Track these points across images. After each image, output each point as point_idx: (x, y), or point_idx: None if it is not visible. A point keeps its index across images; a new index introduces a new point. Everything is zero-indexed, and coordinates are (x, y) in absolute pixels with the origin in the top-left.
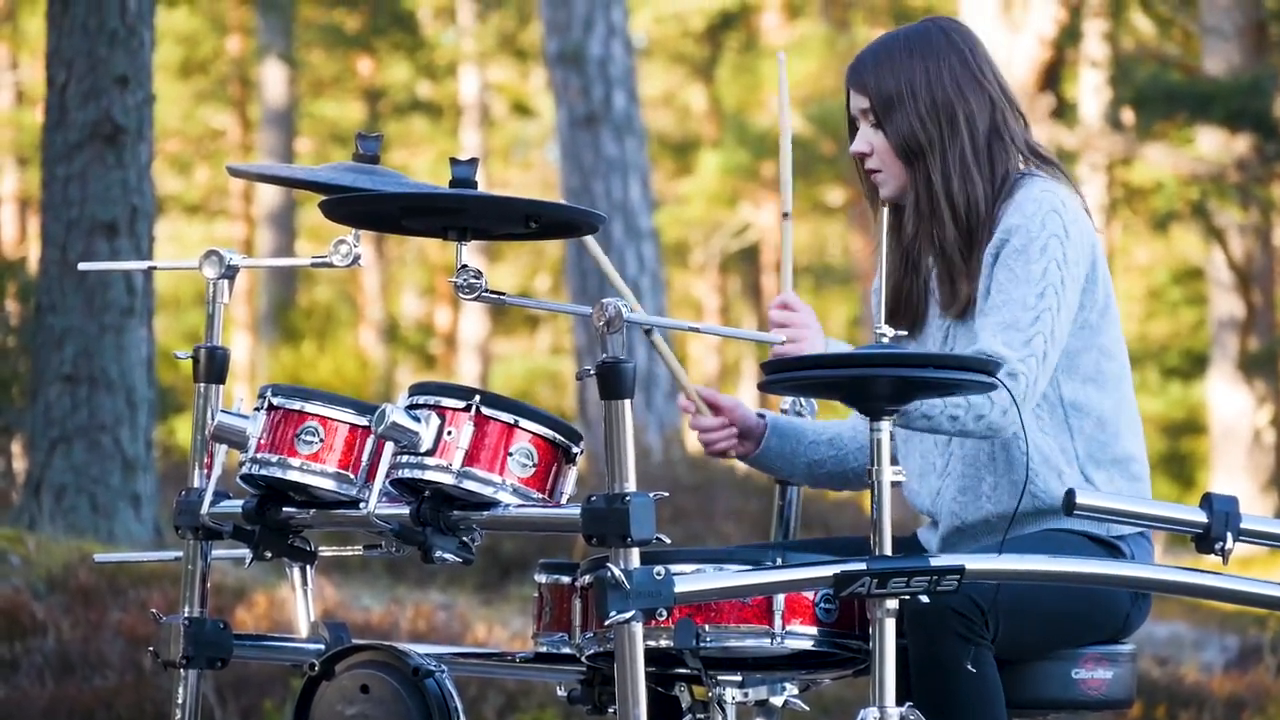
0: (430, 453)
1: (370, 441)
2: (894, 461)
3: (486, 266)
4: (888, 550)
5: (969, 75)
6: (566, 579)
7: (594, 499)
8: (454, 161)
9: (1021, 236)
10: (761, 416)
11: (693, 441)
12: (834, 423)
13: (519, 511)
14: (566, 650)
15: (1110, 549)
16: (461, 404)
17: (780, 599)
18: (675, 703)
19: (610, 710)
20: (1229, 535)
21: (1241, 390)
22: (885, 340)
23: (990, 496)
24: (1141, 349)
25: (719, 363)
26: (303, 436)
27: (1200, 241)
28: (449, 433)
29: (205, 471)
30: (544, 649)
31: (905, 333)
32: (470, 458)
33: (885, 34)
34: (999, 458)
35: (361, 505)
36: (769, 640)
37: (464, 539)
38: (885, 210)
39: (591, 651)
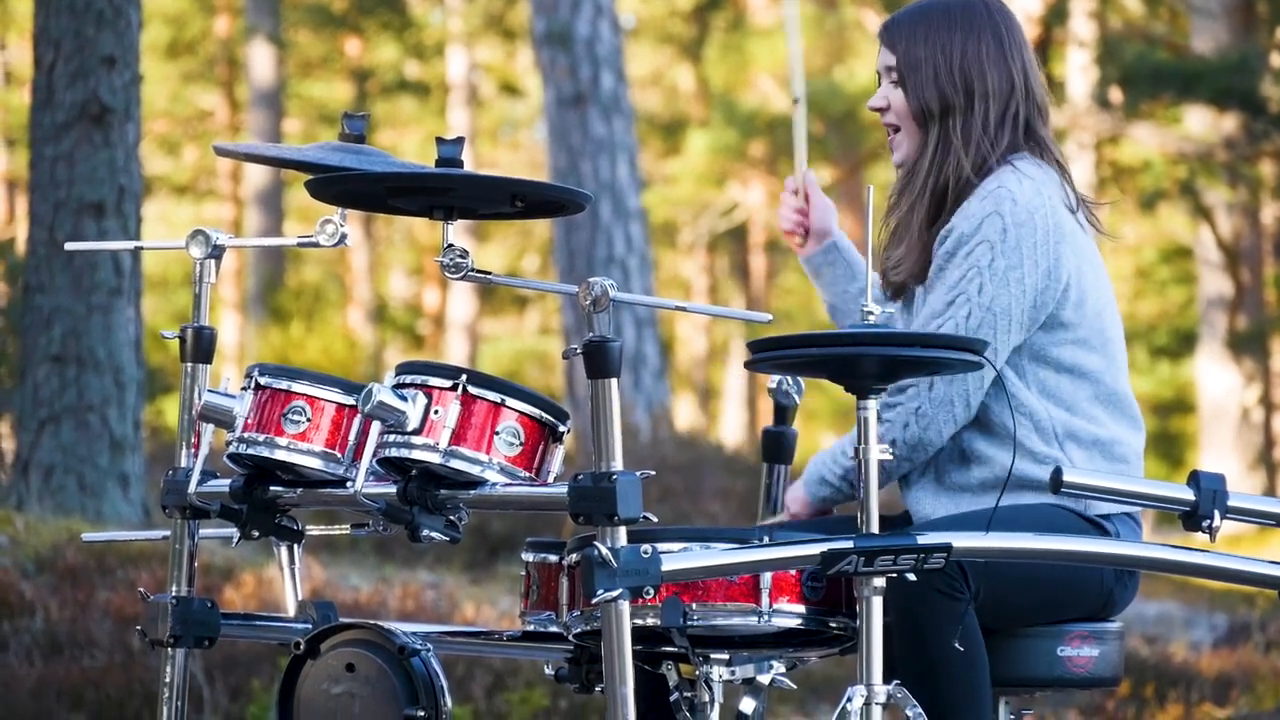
0: (417, 432)
1: (357, 421)
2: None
3: (474, 246)
4: (875, 528)
5: (1000, 54)
6: (554, 558)
7: (581, 477)
8: (440, 141)
9: (954, 239)
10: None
11: (680, 420)
12: None
13: (506, 490)
14: (554, 629)
15: (1096, 528)
16: (448, 383)
17: (767, 577)
18: (662, 681)
19: (598, 689)
20: (1216, 513)
21: (1230, 369)
22: (872, 317)
23: (960, 485)
24: (1130, 328)
25: (707, 342)
26: (290, 416)
27: (1188, 220)
28: (436, 412)
29: (193, 451)
30: (531, 627)
31: (893, 310)
32: (457, 437)
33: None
34: (977, 433)
35: (349, 484)
36: (756, 619)
37: (451, 518)
38: (869, 190)
39: (579, 630)
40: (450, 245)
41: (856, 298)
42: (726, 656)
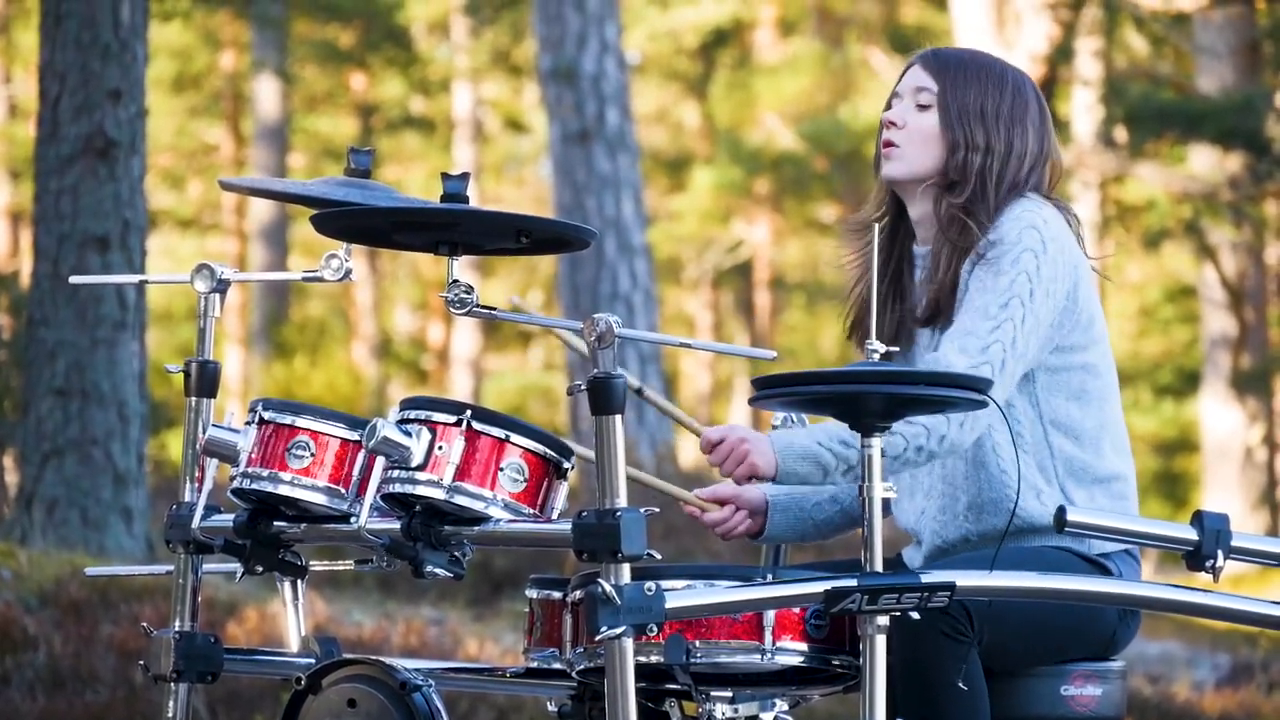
0: (421, 468)
1: (361, 456)
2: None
3: (479, 282)
4: (879, 567)
5: (1038, 123)
6: (558, 594)
7: (585, 514)
8: (445, 176)
9: (995, 250)
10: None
11: (684, 458)
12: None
13: (510, 527)
14: (557, 665)
15: (1097, 567)
16: (453, 419)
17: (771, 615)
18: (666, 718)
19: None
20: (1220, 553)
21: (1234, 408)
22: (877, 355)
23: (966, 515)
24: (1134, 367)
25: (711, 379)
26: (294, 451)
27: (1192, 259)
28: (440, 448)
29: (196, 485)
30: (535, 664)
31: (897, 349)
32: (461, 473)
33: (982, 51)
34: (973, 476)
35: (352, 520)
36: (759, 656)
37: (455, 554)
38: (875, 228)
39: (582, 667)
40: (455, 281)
41: (826, 506)
42: (730, 694)
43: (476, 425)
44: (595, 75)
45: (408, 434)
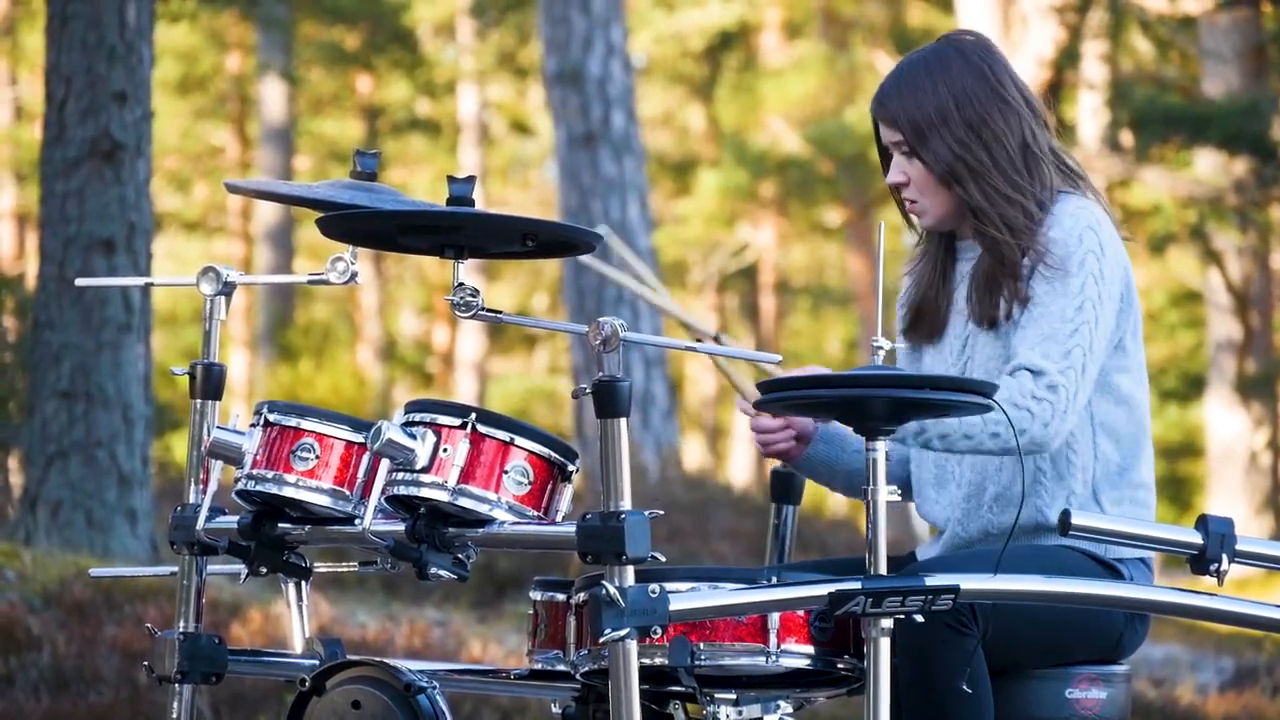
0: (426, 470)
1: (366, 458)
2: (889, 481)
3: (484, 285)
4: (883, 569)
5: (991, 92)
6: (562, 596)
7: (589, 517)
8: (451, 179)
9: (1060, 250)
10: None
11: (688, 460)
12: None
13: (514, 529)
14: (561, 667)
15: (1109, 571)
16: (457, 421)
17: (775, 618)
18: None
19: None
20: (1224, 557)
21: (1239, 413)
22: (883, 351)
23: (991, 507)
24: None
25: (716, 383)
26: (299, 453)
27: (1198, 264)
28: (445, 450)
29: (201, 487)
30: (539, 666)
31: (904, 345)
32: (466, 475)
33: (903, 60)
34: (1006, 467)
35: (357, 521)
36: (764, 659)
37: (459, 556)
38: (881, 227)
39: (586, 669)
40: (461, 284)
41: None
42: (734, 696)
43: (481, 428)
44: (601, 78)
45: (412, 436)
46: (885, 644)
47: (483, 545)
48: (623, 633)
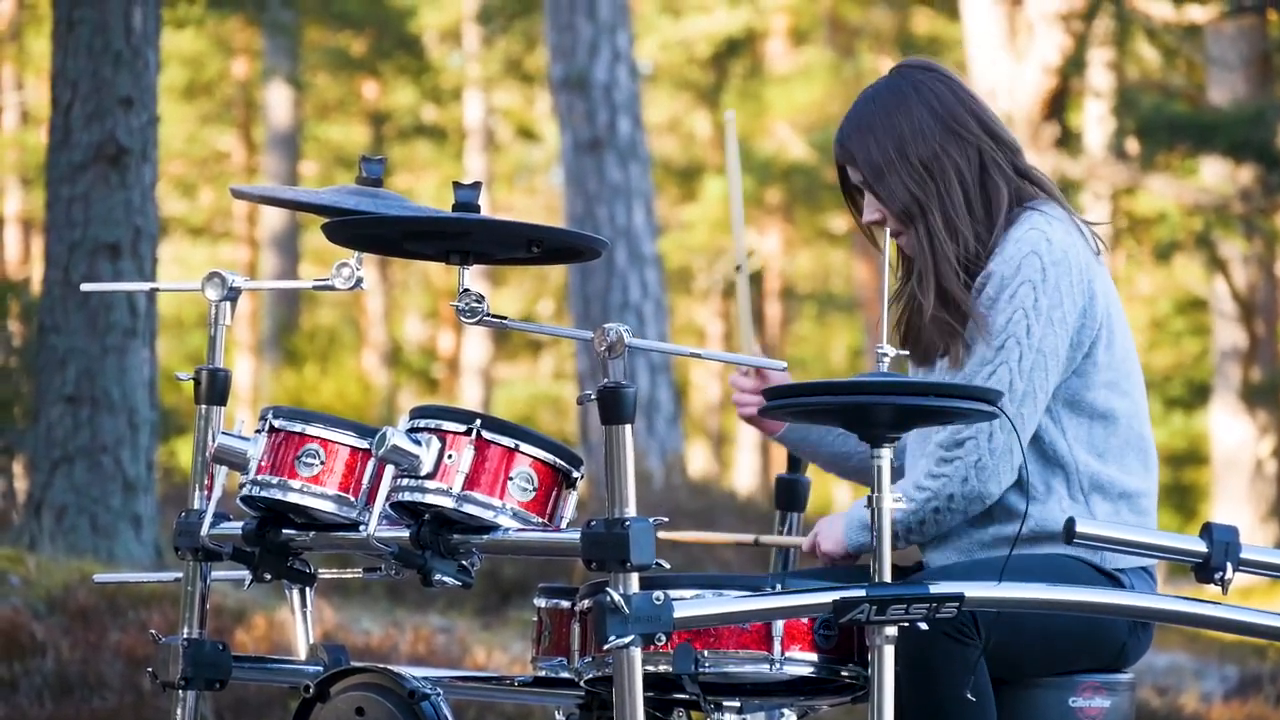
0: (430, 476)
1: (371, 464)
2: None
3: (489, 291)
4: (887, 577)
5: (942, 125)
6: (566, 603)
7: (594, 523)
8: (457, 185)
9: (995, 284)
10: None
11: (693, 467)
12: None
13: (519, 535)
14: (565, 674)
15: (1111, 580)
16: (462, 428)
17: (779, 625)
18: None
19: None
20: (1229, 565)
21: (1243, 421)
22: (887, 359)
23: (976, 521)
24: (1144, 379)
25: (721, 389)
26: (303, 459)
27: (1203, 272)
28: (449, 456)
29: (205, 493)
30: (543, 673)
31: (907, 352)
32: (470, 481)
33: (859, 98)
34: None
35: (361, 528)
36: (768, 666)
37: (463, 562)
38: (888, 233)
39: (590, 676)
40: (466, 289)
41: (852, 441)
42: (738, 704)
43: (486, 434)
44: (607, 84)
45: (417, 442)
46: (889, 652)
47: (487, 552)
48: (627, 640)
